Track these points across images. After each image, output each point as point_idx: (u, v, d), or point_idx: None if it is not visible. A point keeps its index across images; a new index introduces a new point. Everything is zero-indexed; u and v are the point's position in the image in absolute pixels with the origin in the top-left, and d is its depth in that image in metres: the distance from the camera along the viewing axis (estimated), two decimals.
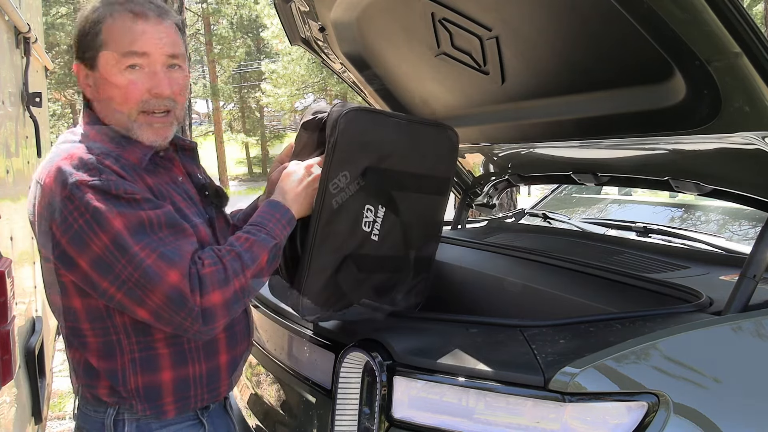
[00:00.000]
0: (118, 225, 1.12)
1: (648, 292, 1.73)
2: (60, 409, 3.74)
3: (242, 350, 1.41)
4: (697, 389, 1.29)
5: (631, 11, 1.35)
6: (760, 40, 1.22)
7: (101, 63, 1.23)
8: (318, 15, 2.13)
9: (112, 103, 1.24)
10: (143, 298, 1.14)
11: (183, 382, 1.28)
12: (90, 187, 1.13)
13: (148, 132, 1.25)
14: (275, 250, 1.28)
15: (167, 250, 1.14)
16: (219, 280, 1.17)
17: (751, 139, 1.44)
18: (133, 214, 1.13)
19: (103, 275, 1.14)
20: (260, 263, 1.24)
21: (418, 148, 1.52)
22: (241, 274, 1.20)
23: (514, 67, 1.83)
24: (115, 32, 1.22)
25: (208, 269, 1.16)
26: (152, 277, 1.12)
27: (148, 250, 1.12)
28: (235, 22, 29.14)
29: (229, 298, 1.18)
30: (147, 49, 1.22)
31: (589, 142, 1.95)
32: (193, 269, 1.15)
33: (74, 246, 1.14)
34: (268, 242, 1.26)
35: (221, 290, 1.17)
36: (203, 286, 1.15)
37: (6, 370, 1.62)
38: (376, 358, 1.35)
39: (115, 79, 1.22)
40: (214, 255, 1.19)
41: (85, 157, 1.16)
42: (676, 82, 1.46)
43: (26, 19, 2.44)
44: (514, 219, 3.22)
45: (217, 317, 1.18)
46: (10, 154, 2.17)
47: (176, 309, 1.14)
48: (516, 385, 1.23)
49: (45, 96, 3.34)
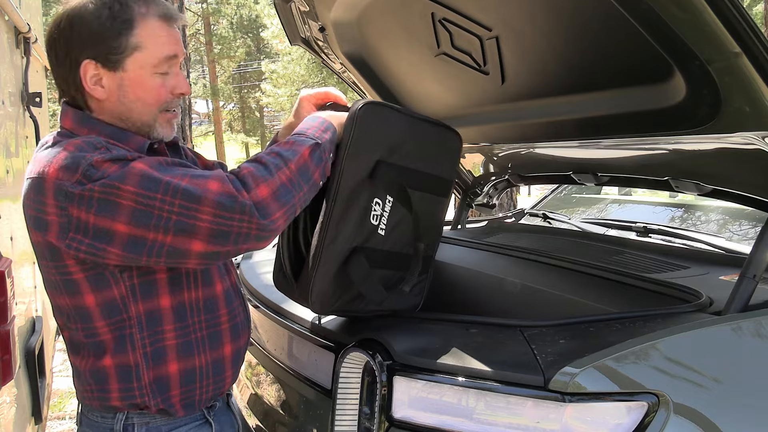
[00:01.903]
0: (142, 167, 1.10)
1: (648, 292, 1.73)
2: (60, 409, 3.74)
3: (244, 342, 1.41)
4: (697, 389, 1.29)
5: (631, 11, 1.35)
6: (760, 40, 1.22)
7: (131, 66, 1.20)
8: (318, 15, 2.13)
9: (138, 103, 1.23)
10: (195, 223, 1.10)
11: (189, 374, 1.28)
12: (106, 161, 1.10)
13: (167, 128, 1.28)
14: (318, 150, 1.26)
15: (197, 173, 1.14)
16: (261, 174, 1.16)
17: (751, 139, 1.44)
18: (153, 159, 1.14)
19: (145, 225, 1.09)
20: (302, 156, 1.22)
21: (425, 146, 1.54)
22: (284, 166, 1.19)
23: (514, 67, 1.83)
24: (152, 36, 1.20)
25: (247, 170, 1.16)
26: (194, 193, 1.10)
27: (180, 175, 1.12)
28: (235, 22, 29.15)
29: (278, 188, 1.16)
30: (177, 52, 1.24)
31: (589, 142, 1.95)
32: (231, 176, 1.14)
33: (105, 214, 1.09)
34: (307, 141, 1.25)
35: (266, 183, 1.15)
36: (246, 184, 1.13)
37: (6, 370, 1.63)
38: (376, 358, 1.35)
39: (147, 82, 1.22)
40: (251, 159, 1.20)
41: (91, 140, 1.15)
42: (676, 82, 1.46)
43: (26, 19, 2.44)
44: (514, 219, 3.22)
45: (271, 208, 1.15)
46: (10, 154, 2.17)
47: (230, 212, 1.10)
48: (516, 385, 1.23)
49: (45, 96, 3.34)
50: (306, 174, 1.23)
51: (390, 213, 1.48)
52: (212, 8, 27.96)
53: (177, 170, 1.14)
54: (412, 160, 1.50)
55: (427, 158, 1.54)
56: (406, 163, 1.49)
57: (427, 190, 1.56)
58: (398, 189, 1.47)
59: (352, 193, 1.40)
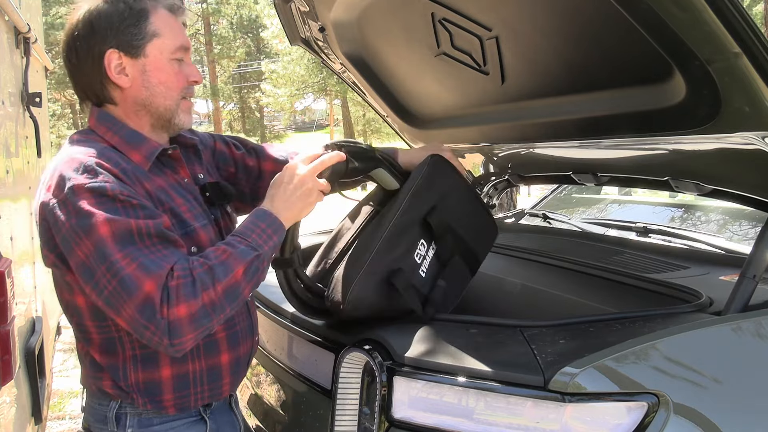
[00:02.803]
0: (105, 232, 1.12)
1: (648, 292, 1.74)
2: (60, 409, 3.74)
3: (245, 350, 1.41)
4: (697, 389, 1.29)
5: (631, 11, 1.35)
6: (760, 40, 1.22)
7: (152, 51, 1.28)
8: (318, 15, 2.13)
9: (161, 87, 1.30)
10: (119, 308, 1.14)
11: (182, 380, 1.30)
12: (86, 190, 1.15)
13: (186, 116, 1.36)
14: (257, 261, 1.22)
15: (148, 260, 1.13)
16: (186, 293, 1.13)
17: (751, 139, 1.44)
18: (122, 221, 1.14)
19: (86, 280, 1.16)
20: (234, 276, 1.18)
21: (471, 219, 1.70)
22: (211, 287, 1.15)
23: (514, 67, 1.83)
24: (165, 24, 1.30)
25: (176, 281, 1.13)
26: (128, 286, 1.12)
27: (129, 259, 1.12)
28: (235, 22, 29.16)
29: (195, 312, 1.13)
30: (188, 44, 1.34)
31: (589, 142, 1.95)
32: (169, 280, 1.13)
33: (65, 248, 1.17)
34: (247, 254, 1.20)
35: (187, 303, 1.13)
36: (170, 298, 1.12)
37: (6, 370, 1.63)
38: (376, 358, 1.35)
39: (167, 67, 1.30)
40: (185, 266, 1.16)
41: (85, 159, 1.19)
42: (676, 82, 1.46)
43: (26, 19, 2.44)
44: (514, 219, 3.22)
45: (183, 331, 1.13)
46: (10, 154, 2.17)
47: (146, 321, 1.12)
48: (516, 385, 1.23)
49: (45, 96, 3.34)
50: (233, 294, 1.19)
51: (431, 262, 1.58)
52: (212, 8, 27.96)
53: (137, 248, 1.14)
54: (459, 222, 1.64)
55: (469, 230, 1.67)
56: (452, 221, 1.62)
57: (462, 255, 1.65)
58: (440, 240, 1.59)
59: (406, 226, 1.53)
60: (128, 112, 1.30)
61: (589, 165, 2.23)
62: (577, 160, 2.25)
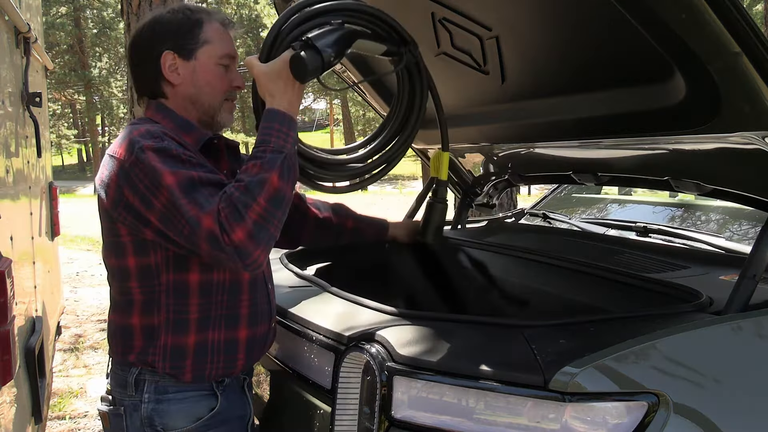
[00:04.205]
0: (172, 182, 1.28)
1: (648, 292, 1.73)
2: (60, 409, 3.74)
3: (262, 331, 1.53)
4: (697, 389, 1.29)
5: (631, 11, 1.35)
6: (760, 40, 1.22)
7: (202, 55, 1.47)
8: None
9: (208, 87, 1.48)
10: (198, 245, 1.28)
11: (202, 347, 1.43)
12: (153, 150, 1.32)
13: (228, 115, 1.54)
14: (287, 161, 1.33)
15: (206, 201, 1.27)
16: (234, 218, 1.25)
17: (751, 139, 1.44)
18: (185, 172, 1.30)
19: (168, 227, 1.31)
20: (271, 184, 1.29)
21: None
22: (254, 203, 1.27)
23: (514, 67, 1.83)
24: (214, 34, 1.49)
25: (224, 211, 1.26)
26: (195, 226, 1.26)
27: (193, 204, 1.27)
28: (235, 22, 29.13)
29: (251, 229, 1.26)
30: (234, 54, 1.53)
31: (589, 142, 1.95)
32: (219, 213, 1.26)
33: (144, 204, 1.32)
34: (275, 160, 1.32)
35: (239, 226, 1.25)
36: (223, 227, 1.25)
37: (6, 370, 1.63)
38: (376, 358, 1.35)
39: (213, 70, 1.49)
40: (225, 195, 1.27)
41: (152, 128, 1.38)
42: (676, 82, 1.46)
43: (26, 19, 2.44)
44: (514, 219, 3.22)
45: (249, 250, 1.26)
46: (10, 154, 2.17)
47: (218, 251, 1.26)
48: (516, 385, 1.23)
49: (45, 96, 3.34)
50: (278, 200, 1.31)
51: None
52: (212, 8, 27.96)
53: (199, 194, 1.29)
54: None
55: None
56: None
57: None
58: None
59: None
60: (178, 106, 1.49)
61: (589, 165, 2.23)
62: (577, 160, 2.25)
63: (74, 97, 30.44)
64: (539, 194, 3.86)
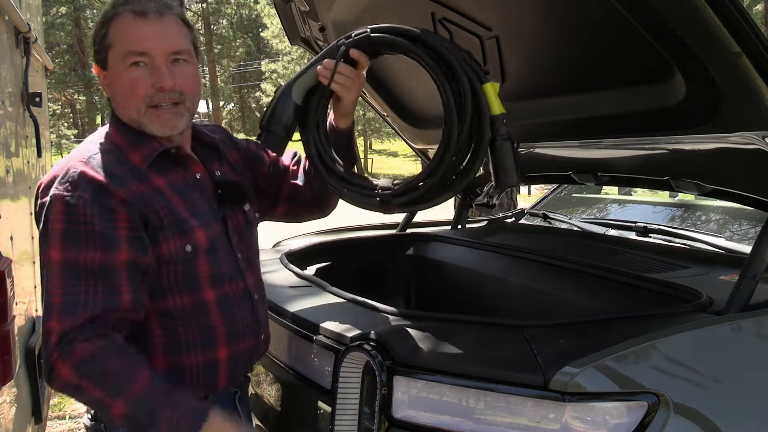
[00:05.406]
0: (56, 258, 1.19)
1: (648, 292, 1.73)
2: (60, 409, 3.74)
3: (246, 346, 1.41)
4: (697, 389, 1.29)
5: (631, 11, 1.35)
6: (760, 40, 1.22)
7: (110, 62, 1.28)
8: (318, 15, 2.13)
9: (122, 98, 1.29)
10: (44, 318, 1.20)
11: (177, 371, 1.31)
12: (62, 203, 1.20)
13: (156, 124, 1.29)
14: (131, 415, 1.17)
15: (72, 300, 1.18)
16: (77, 365, 1.16)
17: (751, 139, 1.44)
18: (73, 254, 1.19)
19: (41, 276, 1.23)
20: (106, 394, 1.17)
21: None
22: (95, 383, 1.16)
23: (514, 66, 1.83)
24: (118, 33, 1.27)
25: (80, 347, 1.16)
26: (47, 311, 1.19)
27: (61, 296, 1.18)
28: (235, 22, 29.18)
29: (71, 382, 1.17)
30: (146, 49, 1.26)
31: (589, 142, 1.96)
32: (72, 333, 1.16)
33: (39, 243, 1.24)
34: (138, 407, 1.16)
35: (71, 372, 1.16)
36: (62, 354, 1.16)
37: (6, 370, 1.62)
38: (376, 358, 1.35)
39: (121, 77, 1.27)
40: (100, 345, 1.17)
41: (76, 167, 1.23)
42: (676, 82, 1.46)
43: (26, 19, 2.44)
44: (514, 219, 3.22)
45: (59, 382, 1.18)
46: (10, 154, 2.17)
47: (46, 344, 1.18)
48: (516, 385, 1.23)
49: (45, 96, 3.33)
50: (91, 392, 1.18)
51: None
52: (212, 8, 27.97)
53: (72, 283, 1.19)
54: None
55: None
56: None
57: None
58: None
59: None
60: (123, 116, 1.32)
61: (589, 165, 2.23)
62: (577, 160, 2.25)
63: (74, 97, 30.46)
64: (539, 194, 3.85)
